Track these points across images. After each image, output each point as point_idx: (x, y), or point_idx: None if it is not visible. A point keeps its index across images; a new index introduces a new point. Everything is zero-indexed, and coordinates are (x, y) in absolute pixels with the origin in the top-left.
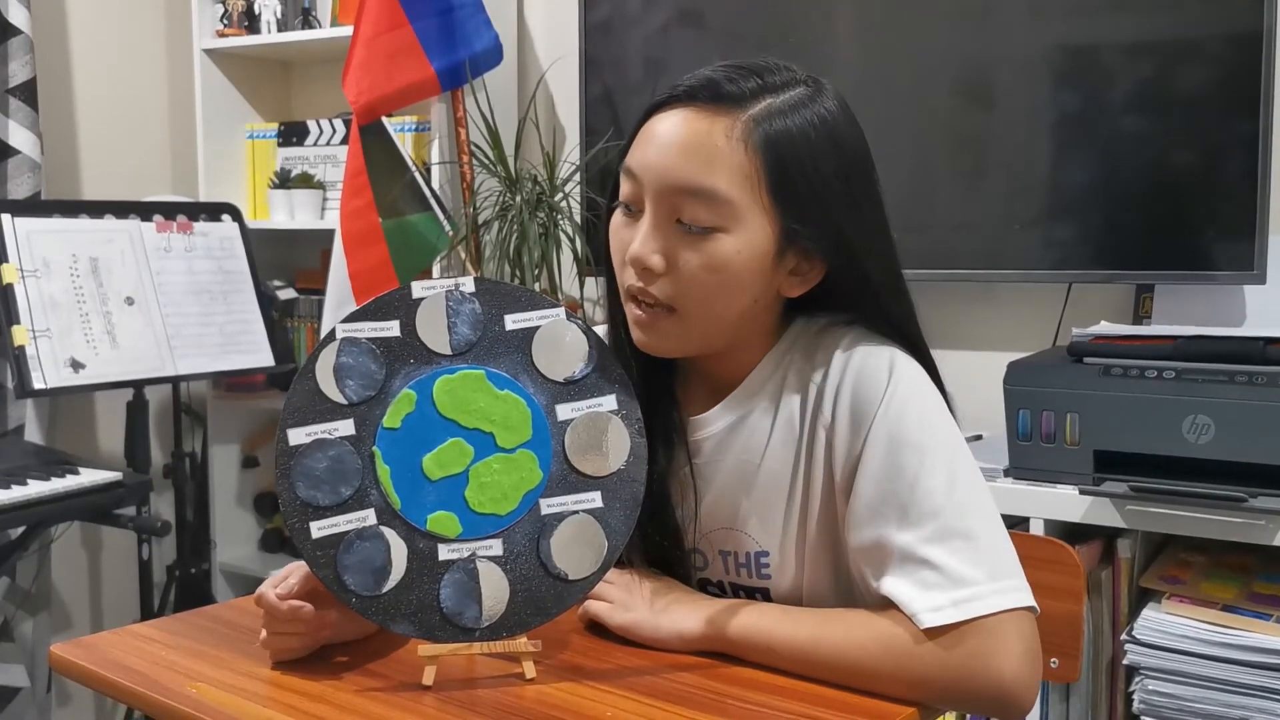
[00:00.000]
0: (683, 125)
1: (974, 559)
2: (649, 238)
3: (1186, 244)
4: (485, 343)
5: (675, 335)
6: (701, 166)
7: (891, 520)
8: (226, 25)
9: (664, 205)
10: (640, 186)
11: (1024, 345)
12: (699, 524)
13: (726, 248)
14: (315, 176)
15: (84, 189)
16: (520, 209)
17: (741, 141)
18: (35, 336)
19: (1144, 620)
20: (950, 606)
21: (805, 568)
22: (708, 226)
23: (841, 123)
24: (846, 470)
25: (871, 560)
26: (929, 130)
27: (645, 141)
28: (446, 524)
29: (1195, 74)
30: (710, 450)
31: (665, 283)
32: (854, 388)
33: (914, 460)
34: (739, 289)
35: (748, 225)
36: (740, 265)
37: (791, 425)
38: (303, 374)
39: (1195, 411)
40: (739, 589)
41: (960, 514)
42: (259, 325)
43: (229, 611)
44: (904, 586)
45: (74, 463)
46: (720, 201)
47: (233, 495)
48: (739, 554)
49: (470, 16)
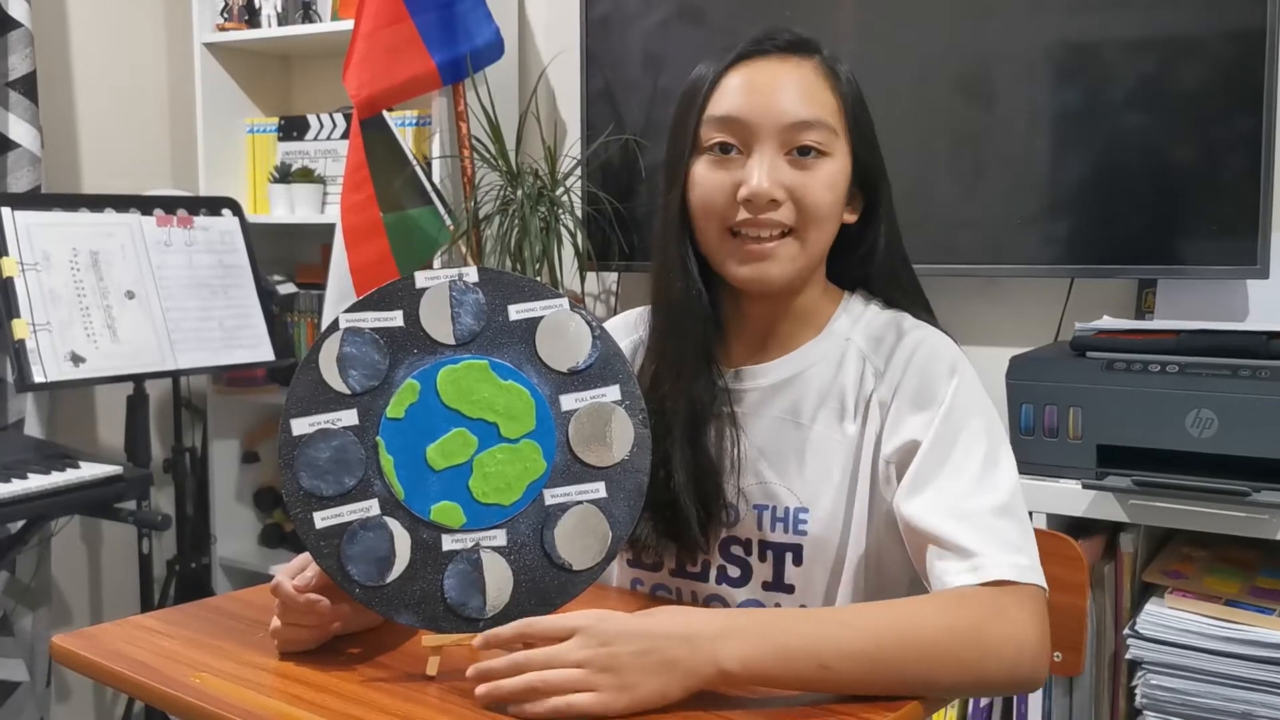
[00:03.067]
0: (779, 69)
1: (1023, 535)
2: (769, 172)
3: (1189, 239)
4: (489, 333)
5: (792, 259)
6: (811, 99)
7: (950, 495)
8: (226, 19)
9: (778, 140)
10: (747, 129)
11: (1026, 340)
12: (737, 476)
13: (835, 169)
14: (316, 171)
15: (84, 183)
16: (521, 203)
17: (826, 79)
18: (35, 330)
19: (1146, 615)
20: (1011, 567)
21: (848, 531)
22: (822, 150)
23: None
24: (900, 448)
25: (926, 525)
26: (930, 125)
27: (741, 90)
28: (450, 514)
29: (1198, 69)
30: (754, 402)
31: (784, 211)
32: (919, 380)
33: (975, 447)
34: (838, 209)
35: (840, 151)
36: (840, 186)
37: (845, 396)
38: (306, 364)
39: (1198, 406)
40: (768, 546)
41: (1010, 495)
42: (259, 319)
43: (230, 603)
44: (967, 542)
45: (74, 456)
46: (827, 128)
47: (233, 490)
48: (776, 509)
49: (471, 10)
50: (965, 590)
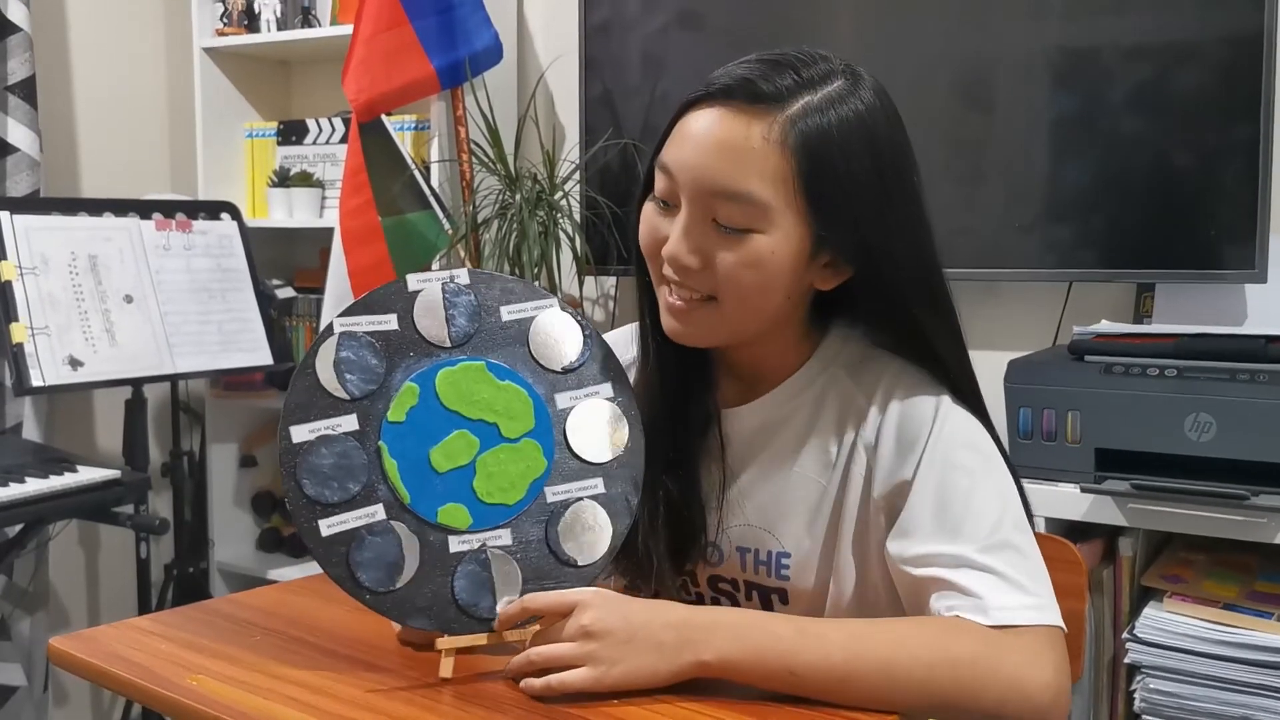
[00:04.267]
0: (719, 126)
1: (1030, 572)
2: (685, 236)
3: (1187, 243)
4: (483, 334)
5: (709, 324)
6: (738, 169)
7: (946, 533)
8: (226, 24)
9: (700, 205)
10: (676, 184)
11: (1024, 345)
12: (721, 514)
13: (761, 247)
14: (314, 175)
15: (83, 187)
16: (520, 207)
17: (778, 144)
18: (34, 334)
19: (1145, 619)
20: (1015, 609)
21: (833, 575)
22: (744, 228)
23: (879, 117)
24: (888, 491)
25: (922, 567)
26: (929, 129)
27: (681, 139)
28: (457, 515)
29: (1196, 73)
30: (739, 445)
31: (701, 277)
32: (901, 417)
33: (965, 481)
34: (773, 286)
35: (781, 226)
36: (775, 264)
37: (828, 437)
38: (302, 370)
39: (1197, 410)
40: (754, 587)
41: (1013, 530)
42: (258, 324)
43: (228, 605)
44: (969, 583)
45: (72, 460)
46: (756, 204)
47: (230, 494)
48: (759, 552)
49: (470, 15)
50: (967, 624)
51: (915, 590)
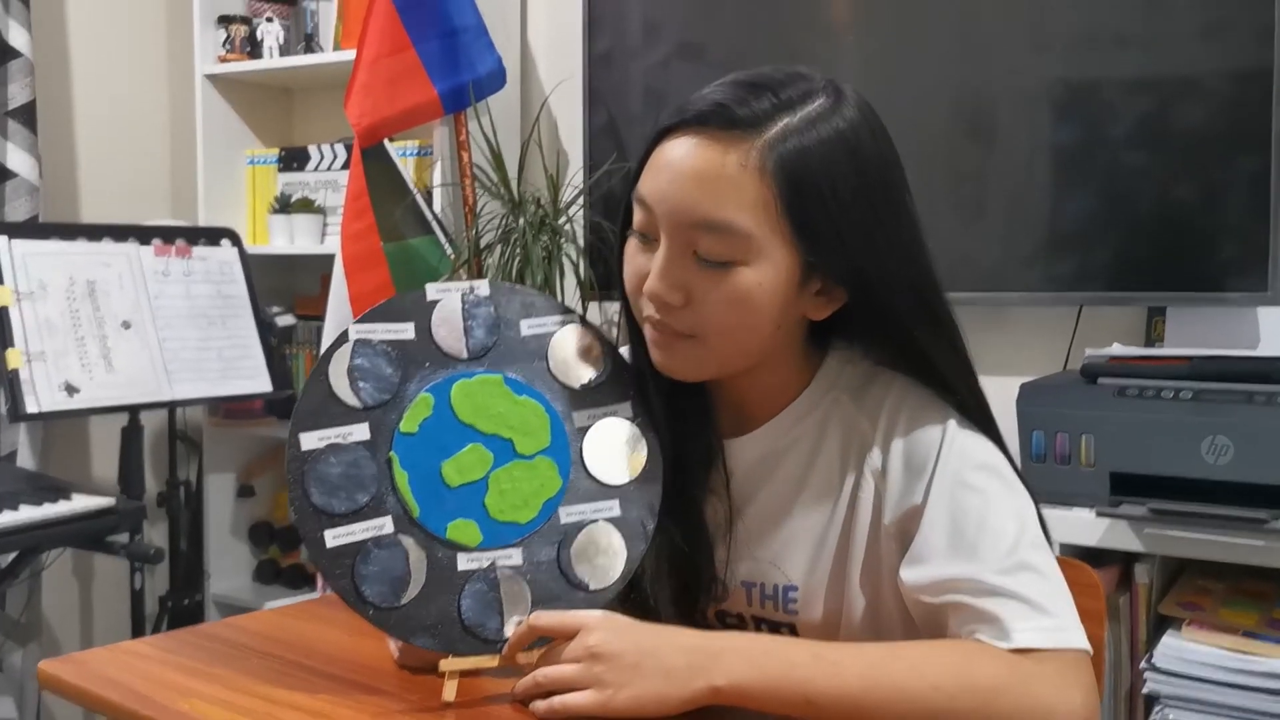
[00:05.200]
0: (695, 154)
1: (1049, 593)
2: (665, 273)
3: (1198, 266)
4: (502, 347)
5: (694, 360)
6: (716, 199)
7: (961, 557)
8: (229, 50)
9: (679, 238)
10: (654, 217)
11: (1034, 370)
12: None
13: (746, 280)
14: (315, 201)
15: (83, 212)
16: (523, 231)
17: (757, 169)
18: (30, 360)
19: (1164, 647)
20: (1037, 631)
21: (844, 606)
22: (726, 260)
23: (864, 134)
24: (899, 516)
25: (938, 595)
26: (936, 152)
27: (656, 170)
28: (467, 532)
29: (1207, 100)
30: (740, 477)
31: (685, 314)
32: (908, 440)
33: (978, 502)
34: (762, 319)
35: (767, 255)
36: (762, 296)
37: (833, 465)
38: (315, 376)
39: (1214, 432)
40: (762, 622)
41: (1031, 550)
42: (257, 350)
43: (224, 629)
44: (989, 608)
45: (66, 488)
46: (737, 235)
47: (227, 525)
48: (765, 586)
49: (474, 40)
50: (989, 650)
51: (932, 619)
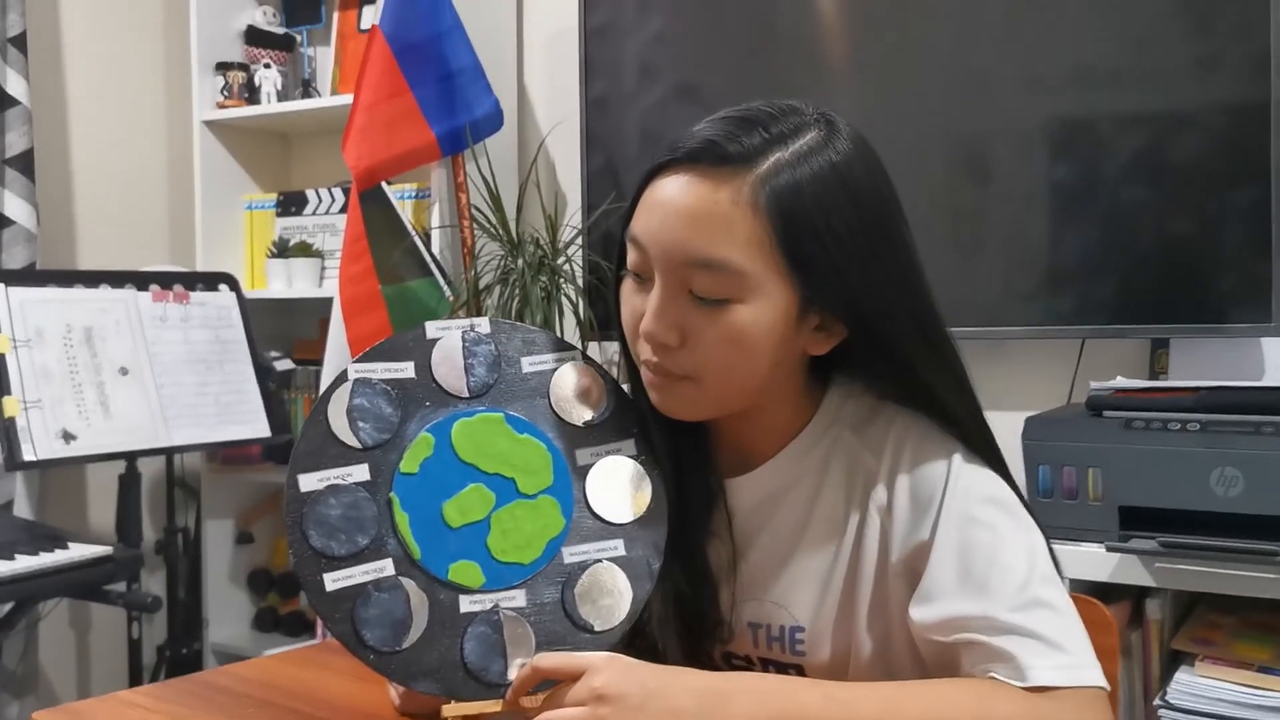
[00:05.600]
0: (687, 192)
1: (1064, 630)
2: (661, 313)
3: (1202, 297)
4: (502, 385)
5: (692, 400)
6: (710, 237)
7: (971, 594)
8: (227, 96)
9: (674, 277)
10: (647, 256)
11: (1038, 404)
12: (732, 591)
13: (743, 318)
14: (314, 245)
15: (81, 259)
16: (522, 272)
17: (750, 205)
18: (26, 407)
19: (1178, 684)
20: (1055, 669)
21: (852, 646)
22: (722, 298)
23: (858, 167)
24: (907, 554)
25: (949, 632)
26: (933, 189)
27: (649, 209)
28: (469, 574)
29: (1205, 132)
30: (741, 517)
31: (681, 355)
32: (913, 475)
33: (988, 537)
34: (760, 357)
35: (763, 292)
36: (759, 334)
37: (837, 502)
38: (314, 417)
39: (1222, 464)
40: (769, 664)
41: (1043, 585)
42: (255, 396)
43: (221, 677)
44: (1003, 646)
45: (63, 537)
46: (732, 272)
47: (226, 572)
48: (771, 628)
49: (471, 83)
50: (1005, 689)
51: (943, 658)
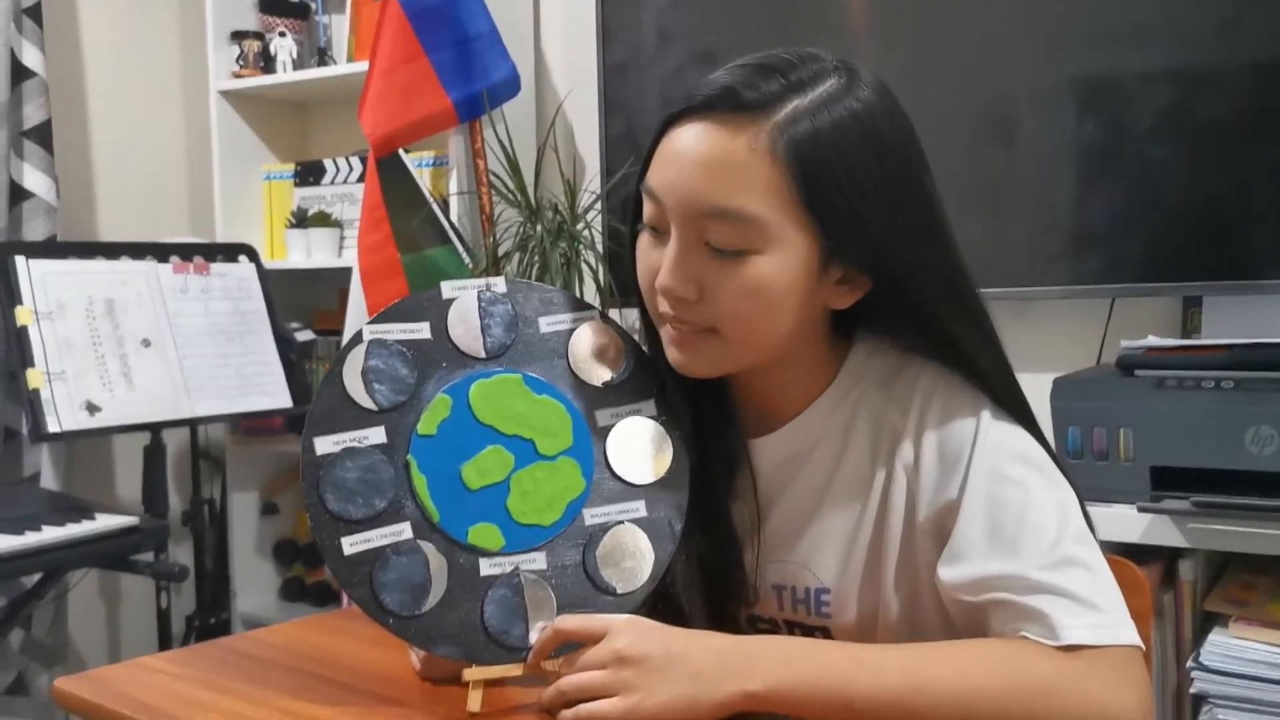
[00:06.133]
0: (703, 140)
1: (1097, 588)
2: (678, 266)
3: (1235, 253)
4: (520, 345)
5: (714, 356)
6: (726, 186)
7: (1002, 553)
8: (242, 65)
9: (690, 229)
10: (663, 208)
11: (1066, 365)
12: (756, 553)
13: (763, 269)
14: (332, 215)
15: (100, 231)
16: (541, 238)
17: (768, 153)
18: (50, 379)
19: (1210, 645)
20: (1087, 628)
21: (879, 608)
22: (740, 249)
23: (879, 116)
24: (935, 512)
25: (978, 592)
26: (958, 151)
27: (664, 160)
28: (489, 536)
29: (1233, 89)
30: (766, 478)
31: (700, 309)
32: (941, 432)
33: (1018, 495)
34: (781, 310)
35: (783, 243)
36: (780, 286)
37: (863, 461)
38: (329, 379)
39: (1257, 422)
40: (795, 626)
41: (1075, 544)
42: (277, 366)
43: (245, 643)
44: (1034, 605)
45: (89, 508)
46: (750, 222)
47: (252, 543)
48: (796, 589)
49: (487, 47)
50: (1037, 647)
51: (972, 618)
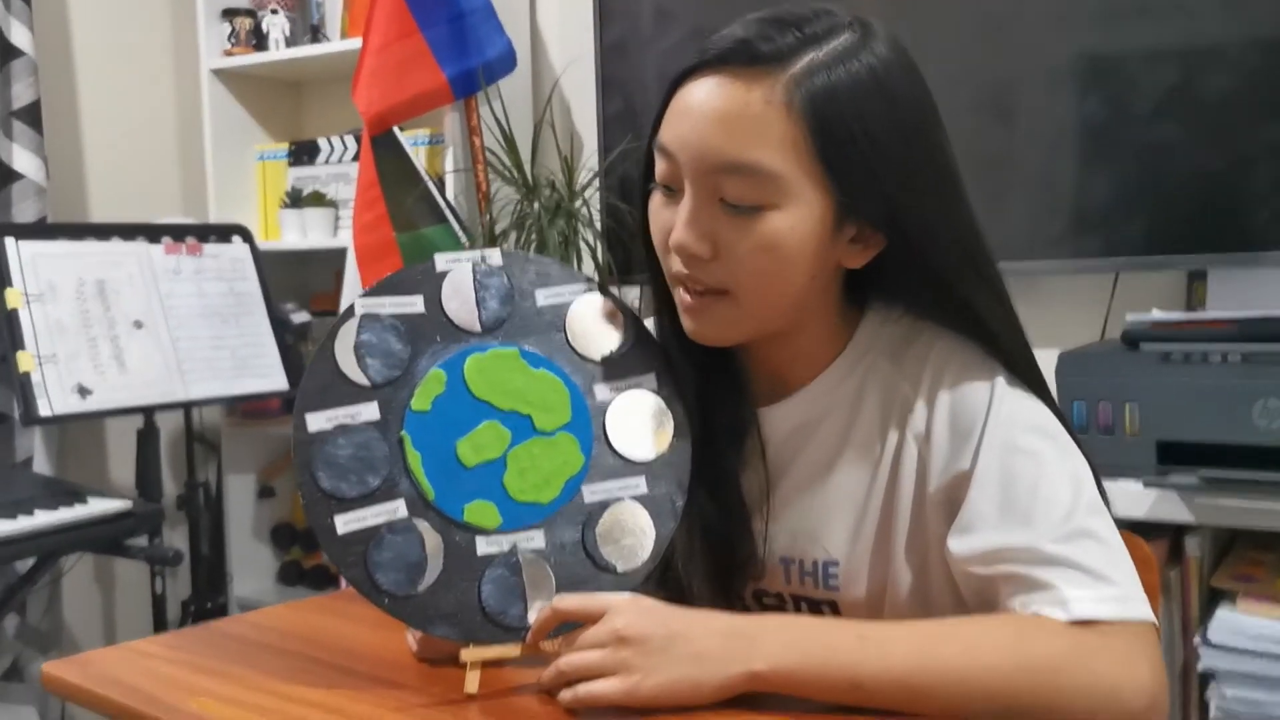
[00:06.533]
0: (718, 94)
1: (1111, 561)
2: (692, 222)
3: (1239, 225)
4: (517, 318)
5: (729, 320)
6: (742, 139)
7: (1014, 525)
8: (234, 44)
9: (705, 184)
10: (677, 165)
11: (1070, 341)
12: (765, 524)
13: (778, 225)
14: (327, 195)
15: (92, 213)
16: (538, 216)
17: (784, 105)
18: (41, 362)
19: (1218, 622)
20: (1099, 601)
21: (888, 581)
22: (755, 204)
23: (895, 71)
24: (946, 483)
25: (988, 564)
26: (963, 118)
27: (678, 115)
28: (485, 514)
29: (1238, 62)
30: (774, 447)
31: (714, 267)
32: (953, 402)
33: (1031, 466)
34: (795, 268)
35: (799, 198)
36: (795, 243)
37: (872, 431)
38: (320, 354)
39: (1265, 395)
40: (801, 600)
41: (1088, 515)
42: (272, 348)
43: (238, 625)
44: (1045, 577)
45: (82, 492)
46: (766, 176)
47: (249, 526)
48: (804, 562)
49: (482, 22)
50: (1047, 623)
51: (983, 591)
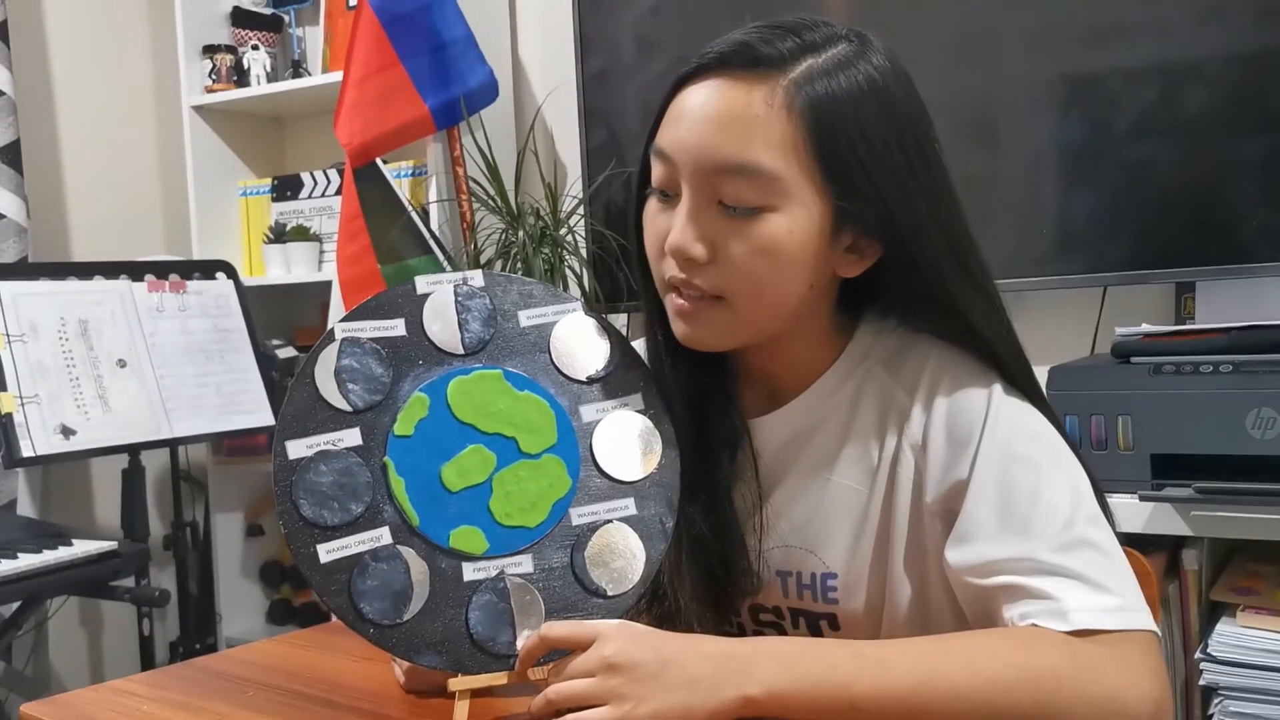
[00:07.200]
0: (717, 96)
1: (1111, 571)
2: (689, 224)
3: (1226, 238)
4: (500, 340)
5: (722, 326)
6: (741, 140)
7: (1012, 535)
8: (216, 81)
9: (703, 187)
10: (675, 168)
11: (1060, 357)
12: (759, 538)
13: (776, 228)
14: (311, 229)
15: (74, 252)
16: (523, 244)
17: (784, 109)
18: (23, 403)
19: (1219, 636)
20: (1100, 612)
21: (887, 592)
22: (754, 206)
23: (892, 81)
24: (943, 493)
25: (987, 575)
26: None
27: (676, 118)
28: (471, 539)
29: (1220, 75)
30: (768, 458)
31: (710, 272)
32: (950, 410)
33: (1029, 475)
34: (793, 273)
35: (797, 201)
36: (793, 246)
37: (868, 441)
38: (300, 379)
39: (1258, 405)
40: (800, 614)
41: (1088, 525)
42: (258, 384)
43: (220, 662)
44: (1044, 588)
45: (66, 534)
46: (765, 178)
47: (237, 565)
48: (802, 575)
49: (463, 53)
50: (1047, 634)
51: (982, 602)
